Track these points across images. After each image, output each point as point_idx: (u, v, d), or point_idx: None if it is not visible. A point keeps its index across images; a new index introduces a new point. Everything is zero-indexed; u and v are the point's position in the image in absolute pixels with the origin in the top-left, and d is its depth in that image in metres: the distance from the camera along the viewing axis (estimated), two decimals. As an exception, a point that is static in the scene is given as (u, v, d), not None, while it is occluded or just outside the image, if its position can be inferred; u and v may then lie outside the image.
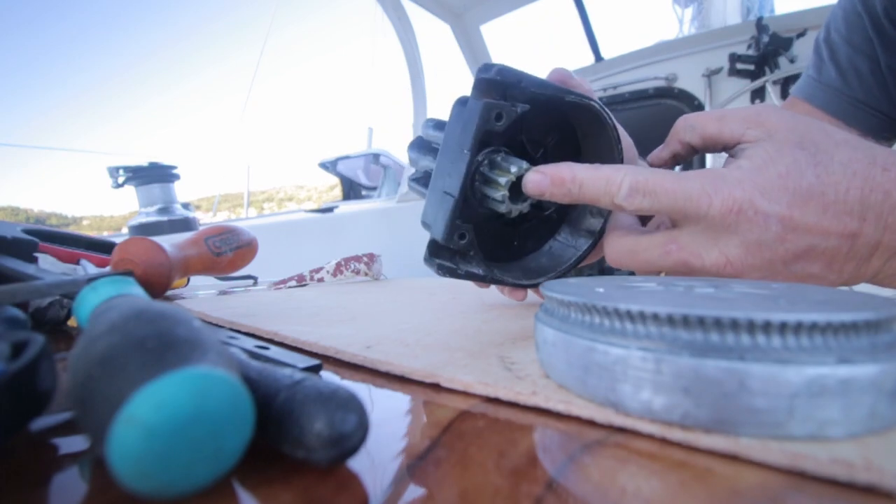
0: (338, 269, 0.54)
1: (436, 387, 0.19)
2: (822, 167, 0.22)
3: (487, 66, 0.25)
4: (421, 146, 0.33)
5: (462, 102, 0.26)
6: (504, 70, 0.25)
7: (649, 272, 0.25)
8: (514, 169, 0.25)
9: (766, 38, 1.85)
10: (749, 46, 1.93)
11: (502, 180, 0.25)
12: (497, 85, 0.25)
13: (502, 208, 0.26)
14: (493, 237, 0.30)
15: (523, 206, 0.26)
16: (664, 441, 0.14)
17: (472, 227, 0.26)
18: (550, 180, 0.24)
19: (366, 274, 0.55)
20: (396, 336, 0.25)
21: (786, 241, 0.22)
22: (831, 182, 0.21)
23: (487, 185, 0.26)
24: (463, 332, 0.25)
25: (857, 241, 0.21)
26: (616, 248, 0.26)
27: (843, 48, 0.46)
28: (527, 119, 0.28)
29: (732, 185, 0.22)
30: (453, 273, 0.27)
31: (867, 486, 0.11)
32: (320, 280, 0.53)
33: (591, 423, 0.15)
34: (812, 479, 0.11)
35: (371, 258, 0.55)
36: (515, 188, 0.25)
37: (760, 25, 1.87)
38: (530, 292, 0.34)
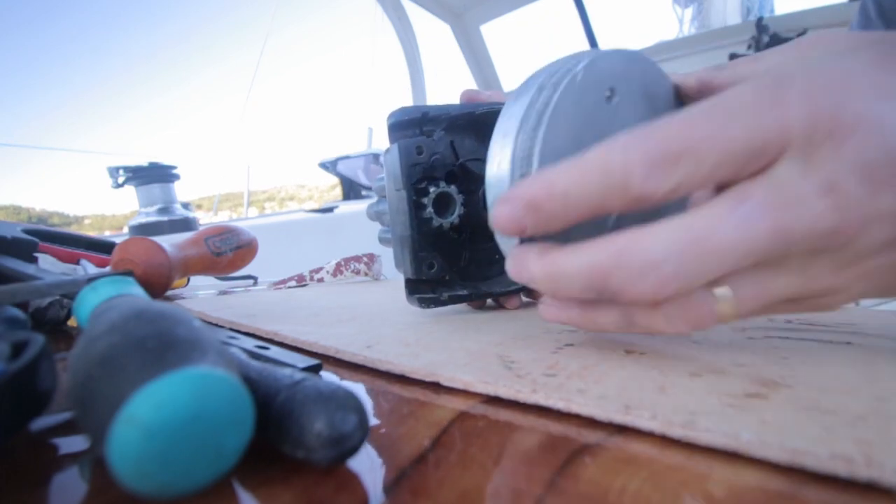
0: (338, 270, 0.54)
1: (436, 386, 0.19)
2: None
3: (392, 113, 0.28)
4: (381, 202, 0.36)
5: (387, 152, 0.30)
6: (406, 109, 0.28)
7: (723, 271, 0.15)
8: (431, 189, 0.28)
9: (766, 39, 1.86)
10: (749, 46, 1.93)
11: (424, 200, 0.28)
12: (407, 124, 0.28)
13: (434, 224, 0.28)
14: (481, 258, 0.32)
15: (453, 218, 0.29)
16: (664, 441, 0.14)
17: (438, 255, 0.29)
18: (524, 206, 0.16)
19: (366, 274, 0.55)
20: (397, 336, 0.25)
21: None
22: None
23: (420, 210, 0.28)
24: (463, 332, 0.25)
25: None
26: (662, 244, 0.14)
27: (893, 4, 0.45)
28: (458, 146, 0.30)
29: (802, 78, 0.14)
30: (436, 302, 0.29)
31: (868, 483, 0.11)
32: (320, 280, 0.53)
33: (591, 423, 0.15)
34: (812, 480, 0.11)
35: (371, 258, 0.55)
36: (438, 205, 0.29)
37: (760, 25, 1.87)
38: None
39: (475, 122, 0.30)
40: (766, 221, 0.14)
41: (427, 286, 0.29)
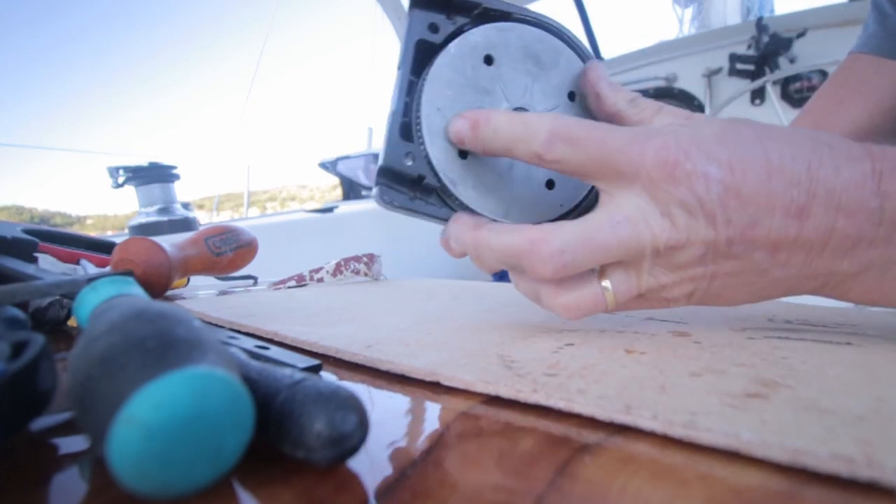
0: (337, 270, 0.54)
1: (436, 386, 0.19)
2: (763, 130, 0.20)
3: None
4: None
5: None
6: None
7: (602, 261, 0.21)
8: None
9: (766, 38, 1.86)
10: (749, 46, 1.93)
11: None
12: (433, 1, 0.24)
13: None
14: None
15: None
16: (664, 441, 0.14)
17: (423, 152, 0.24)
18: (469, 124, 0.22)
19: (365, 274, 0.55)
20: (397, 336, 0.25)
21: (728, 209, 0.19)
22: (774, 146, 0.19)
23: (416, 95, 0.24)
24: (463, 332, 0.25)
25: (805, 224, 0.18)
26: (563, 238, 0.20)
27: None
28: None
29: (665, 135, 0.20)
30: (401, 202, 0.24)
31: (868, 483, 0.11)
32: (320, 280, 0.53)
33: (591, 424, 0.15)
34: (812, 480, 0.11)
35: (371, 258, 0.55)
36: None
37: (760, 25, 1.88)
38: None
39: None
40: (627, 229, 0.20)
41: (403, 184, 0.24)
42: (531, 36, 0.25)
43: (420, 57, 0.24)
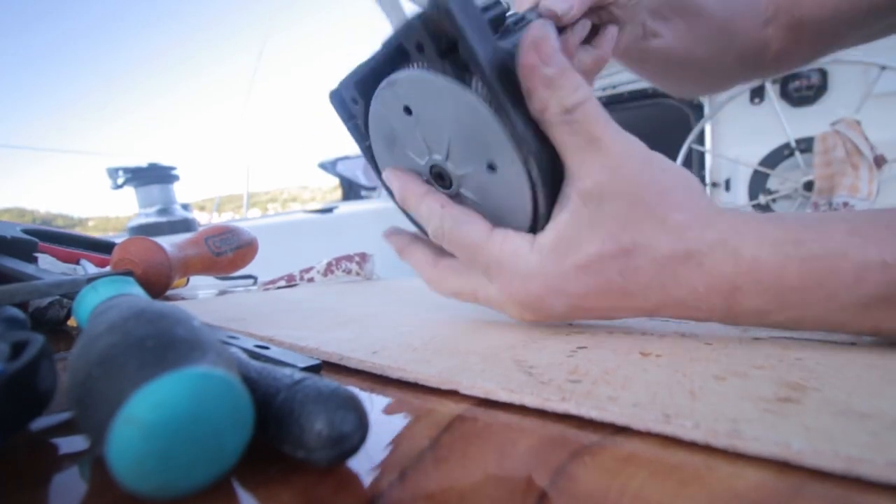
0: (328, 269, 0.53)
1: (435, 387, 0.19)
2: (632, 263, 0.20)
3: None
4: None
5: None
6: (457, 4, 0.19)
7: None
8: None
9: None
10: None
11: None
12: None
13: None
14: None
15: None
16: (664, 440, 0.14)
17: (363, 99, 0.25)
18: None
19: (357, 273, 0.54)
20: (401, 339, 0.24)
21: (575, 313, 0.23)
22: (635, 280, 0.20)
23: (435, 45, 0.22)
24: (469, 335, 0.24)
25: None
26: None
27: None
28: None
29: (523, 281, 0.22)
30: (339, 102, 0.26)
31: (872, 481, 0.11)
32: (310, 280, 0.53)
33: (590, 424, 0.15)
34: (811, 478, 0.11)
35: (363, 258, 0.55)
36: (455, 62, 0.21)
37: (760, 25, 1.87)
38: None
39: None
40: None
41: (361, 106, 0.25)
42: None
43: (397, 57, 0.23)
